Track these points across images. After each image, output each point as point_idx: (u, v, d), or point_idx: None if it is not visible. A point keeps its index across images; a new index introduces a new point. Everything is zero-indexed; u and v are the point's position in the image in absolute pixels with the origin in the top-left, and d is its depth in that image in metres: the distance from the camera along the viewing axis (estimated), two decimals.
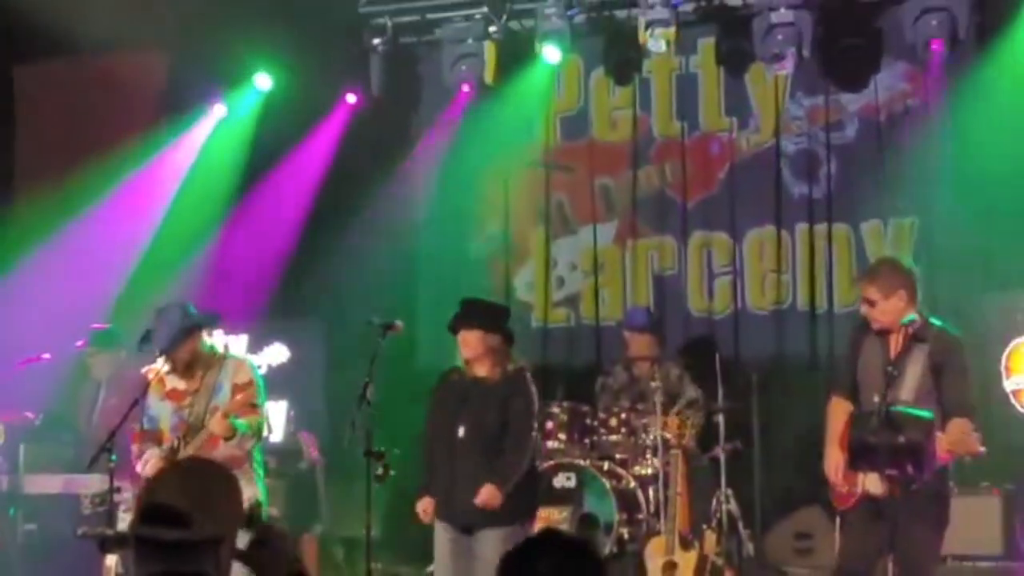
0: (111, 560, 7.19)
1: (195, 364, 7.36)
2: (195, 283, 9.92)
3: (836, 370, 7.55)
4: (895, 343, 6.90)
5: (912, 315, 6.87)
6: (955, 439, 6.70)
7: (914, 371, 6.79)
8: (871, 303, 6.82)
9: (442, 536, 7.37)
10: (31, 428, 9.84)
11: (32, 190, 11.16)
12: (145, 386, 7.42)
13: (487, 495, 7.14)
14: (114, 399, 9.41)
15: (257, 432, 7.38)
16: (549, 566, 3.44)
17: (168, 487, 3.16)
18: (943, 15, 9.16)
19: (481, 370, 7.36)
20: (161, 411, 7.37)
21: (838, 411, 6.96)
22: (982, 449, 6.96)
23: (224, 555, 3.16)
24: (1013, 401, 8.68)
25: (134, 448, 7.36)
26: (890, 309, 6.80)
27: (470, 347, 7.31)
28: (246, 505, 3.43)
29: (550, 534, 3.87)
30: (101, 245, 10.45)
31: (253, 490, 6.98)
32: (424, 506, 7.37)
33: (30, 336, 9.77)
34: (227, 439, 7.21)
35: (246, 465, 7.16)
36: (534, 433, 7.56)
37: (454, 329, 7.38)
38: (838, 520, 7.25)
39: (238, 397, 7.27)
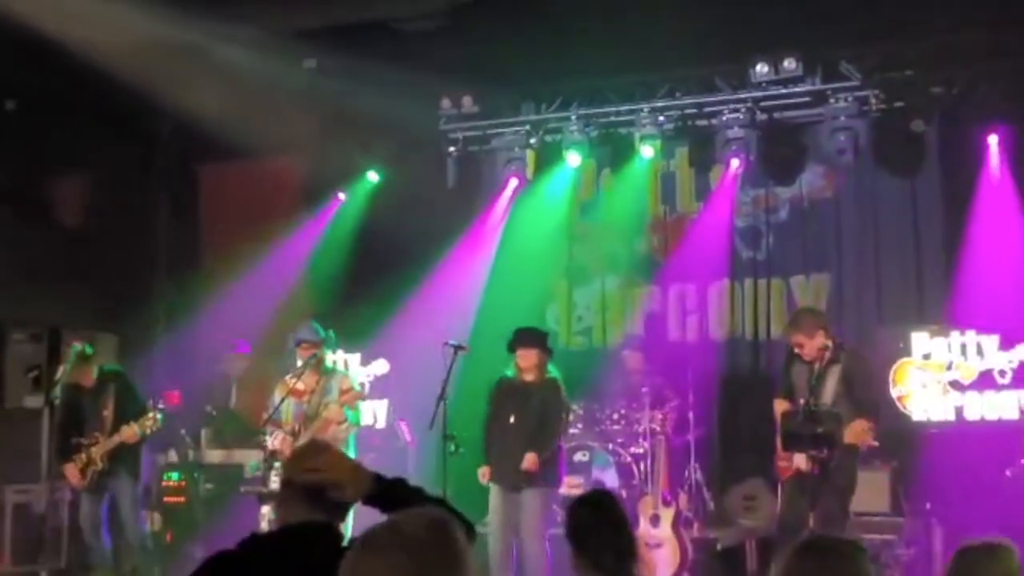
0: (266, 509, 7.25)
1: (311, 365, 7.41)
2: (323, 318, 9.96)
3: (774, 381, 7.59)
4: (816, 362, 6.99)
5: (827, 343, 6.96)
6: (854, 433, 6.80)
7: (831, 383, 6.92)
8: (800, 345, 6.92)
9: (496, 494, 7.48)
10: (209, 416, 9.96)
11: (213, 255, 11.27)
12: (282, 391, 7.52)
13: (530, 460, 7.26)
14: (245, 395, 9.53)
15: (355, 423, 7.46)
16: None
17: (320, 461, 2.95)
18: (848, 132, 9.11)
19: (529, 376, 7.46)
20: (285, 404, 7.45)
21: (780, 408, 7.07)
22: (875, 443, 7.03)
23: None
24: (897, 404, 8.66)
25: (269, 428, 7.47)
26: (815, 345, 6.93)
27: (529, 360, 7.44)
28: None
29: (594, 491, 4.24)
30: (260, 290, 10.46)
31: None
32: (484, 472, 7.50)
33: (210, 353, 9.87)
34: (339, 423, 7.28)
35: (342, 448, 7.23)
36: (562, 423, 7.62)
37: (514, 348, 7.46)
38: (779, 487, 7.24)
39: (345, 397, 7.36)
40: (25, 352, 9.90)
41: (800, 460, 6.87)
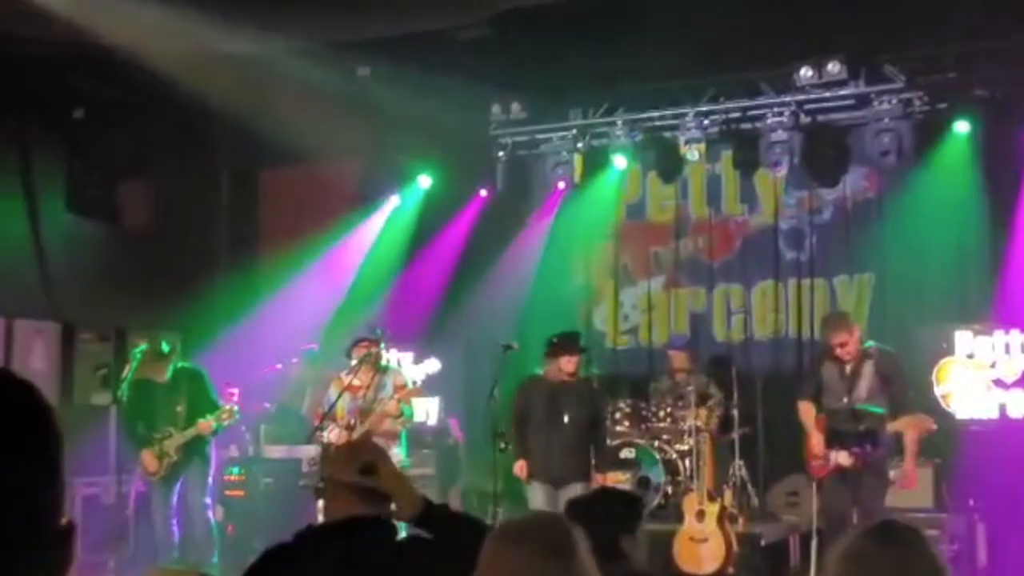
0: (322, 503, 7.27)
1: (367, 362, 7.47)
2: (377, 318, 10.02)
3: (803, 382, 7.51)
4: (850, 362, 6.96)
5: (869, 342, 6.95)
6: (910, 423, 6.77)
7: (866, 379, 6.90)
8: (844, 344, 6.88)
9: (538, 490, 7.43)
10: (267, 413, 10.04)
11: (271, 253, 11.36)
12: (338, 387, 7.59)
13: (599, 480, 7.27)
14: (317, 396, 9.61)
15: (409, 417, 7.51)
16: (601, 506, 3.62)
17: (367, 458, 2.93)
18: (892, 134, 9.04)
19: (566, 376, 7.44)
20: (340, 399, 7.52)
21: (808, 410, 7.08)
22: (934, 426, 7.02)
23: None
24: (941, 403, 8.59)
25: (325, 423, 7.52)
26: (855, 341, 6.90)
27: (574, 364, 7.42)
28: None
29: (605, 489, 4.08)
30: (315, 290, 10.59)
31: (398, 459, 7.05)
32: (520, 467, 7.44)
33: (269, 351, 9.96)
34: (395, 418, 7.32)
35: (395, 442, 7.28)
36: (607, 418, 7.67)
37: (559, 353, 7.43)
38: (815, 485, 7.22)
39: (401, 392, 7.40)
40: (93, 351, 10.08)
41: (841, 456, 6.86)
